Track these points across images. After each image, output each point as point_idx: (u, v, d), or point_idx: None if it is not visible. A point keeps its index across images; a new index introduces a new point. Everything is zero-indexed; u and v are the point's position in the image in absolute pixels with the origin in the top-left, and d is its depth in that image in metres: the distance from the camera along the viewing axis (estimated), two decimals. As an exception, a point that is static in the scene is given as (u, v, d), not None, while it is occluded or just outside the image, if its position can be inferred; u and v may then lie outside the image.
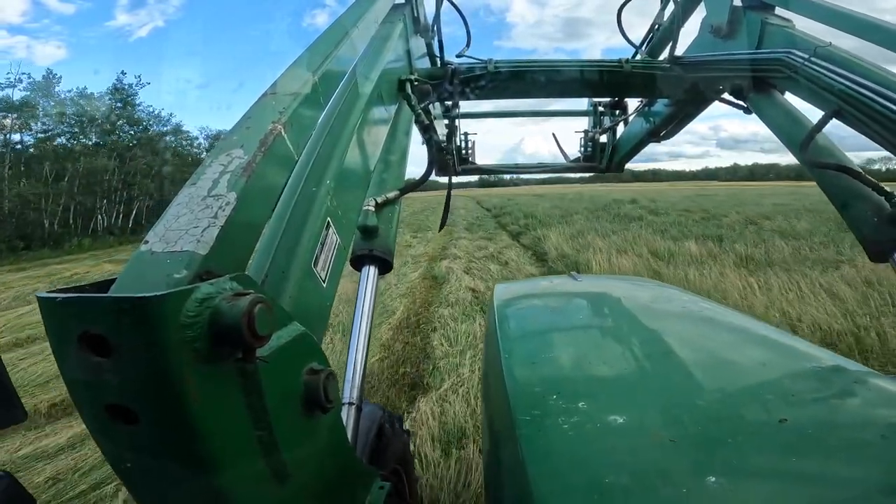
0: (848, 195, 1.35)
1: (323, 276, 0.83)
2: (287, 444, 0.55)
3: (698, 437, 0.76)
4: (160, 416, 0.45)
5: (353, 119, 1.05)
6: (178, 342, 0.43)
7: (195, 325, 0.44)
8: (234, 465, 0.50)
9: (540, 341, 1.34)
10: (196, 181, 0.61)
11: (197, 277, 0.50)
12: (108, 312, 0.43)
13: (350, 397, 0.96)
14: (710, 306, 1.58)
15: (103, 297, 0.43)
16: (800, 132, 1.48)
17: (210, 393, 0.46)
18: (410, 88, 1.49)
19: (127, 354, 0.43)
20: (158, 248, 0.52)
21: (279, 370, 0.55)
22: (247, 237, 0.62)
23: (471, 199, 43.69)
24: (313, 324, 0.80)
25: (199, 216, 0.55)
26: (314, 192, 0.86)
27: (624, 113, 2.76)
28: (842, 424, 0.79)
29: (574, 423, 0.82)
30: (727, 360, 1.08)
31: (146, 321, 0.42)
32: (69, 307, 0.44)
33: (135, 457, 0.50)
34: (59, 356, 0.47)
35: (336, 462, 0.71)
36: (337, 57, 1.04)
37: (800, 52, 1.44)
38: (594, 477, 0.70)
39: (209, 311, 0.45)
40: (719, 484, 0.64)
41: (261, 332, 0.46)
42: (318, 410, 0.61)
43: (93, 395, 0.47)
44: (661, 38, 2.31)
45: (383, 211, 1.24)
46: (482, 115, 3.21)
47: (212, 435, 0.47)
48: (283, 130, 0.72)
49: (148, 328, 0.42)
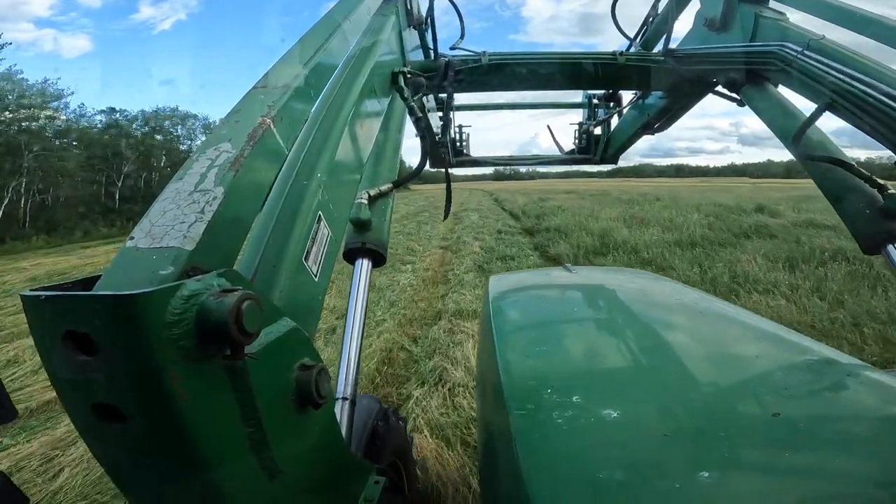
0: (841, 188, 1.36)
1: (314, 270, 0.83)
2: (278, 441, 0.55)
3: (691, 431, 0.77)
4: (147, 414, 0.45)
5: (344, 112, 1.04)
6: (165, 340, 0.42)
7: (181, 322, 0.43)
8: (224, 463, 0.49)
9: (535, 334, 1.34)
10: (183, 176, 0.60)
11: (184, 274, 0.49)
12: (92, 311, 0.42)
13: (344, 392, 0.96)
14: (705, 298, 1.58)
15: (87, 296, 0.42)
16: (793, 125, 1.48)
17: (198, 391, 0.46)
18: (403, 81, 1.48)
19: (112, 353, 0.43)
20: (144, 245, 0.51)
21: (269, 366, 0.55)
22: (235, 232, 0.61)
23: (486, 195, 32.99)
24: (305, 318, 0.79)
25: (185, 211, 0.55)
26: (305, 185, 0.85)
27: (618, 105, 2.77)
28: (835, 418, 0.79)
29: (568, 418, 0.82)
30: (720, 352, 1.08)
31: (131, 319, 0.41)
32: (53, 305, 0.43)
33: (123, 455, 0.49)
34: (44, 355, 0.46)
35: (329, 458, 0.71)
36: (328, 49, 1.02)
37: (793, 45, 1.44)
38: (588, 472, 0.70)
39: (196, 308, 0.44)
40: (712, 478, 0.64)
41: (249, 329, 0.46)
42: (310, 406, 0.61)
43: (79, 394, 0.47)
44: (656, 30, 2.31)
45: (376, 204, 1.23)
46: (476, 108, 3.20)
47: (201, 433, 0.46)
48: (272, 124, 0.71)
49: (133, 326, 0.41)
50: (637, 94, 2.51)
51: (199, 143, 0.68)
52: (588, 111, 2.95)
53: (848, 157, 1.38)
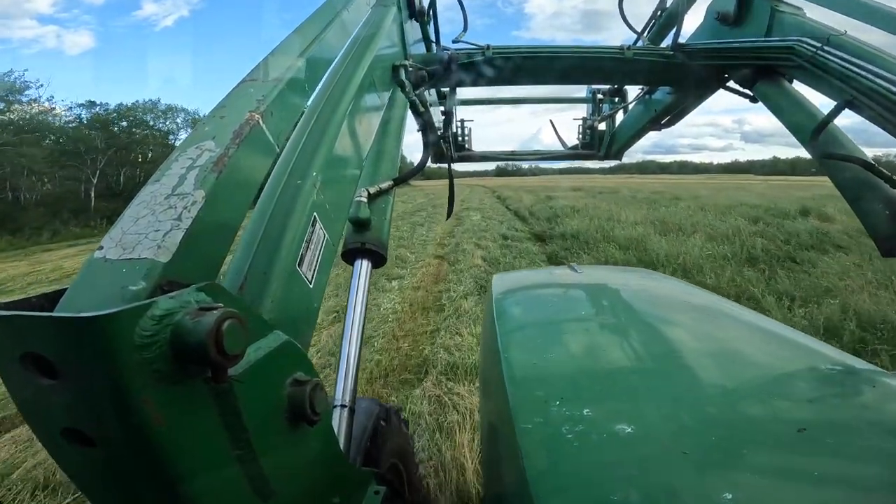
0: (859, 187, 1.31)
1: (309, 277, 0.78)
2: (270, 461, 0.51)
3: (707, 447, 0.72)
4: (121, 441, 0.41)
5: (342, 106, 0.99)
6: (134, 364, 0.38)
7: (153, 345, 0.39)
8: (210, 486, 0.45)
9: (539, 336, 1.29)
10: (160, 178, 0.55)
11: (157, 289, 0.44)
12: (51, 333, 0.37)
13: (342, 399, 0.91)
14: (714, 300, 1.54)
15: (46, 317, 0.38)
16: (810, 122, 1.43)
17: (176, 414, 0.41)
18: (405, 75, 1.43)
19: (77, 377, 0.38)
20: (113, 255, 0.46)
21: (258, 386, 0.51)
22: (217, 240, 0.56)
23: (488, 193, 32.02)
24: (299, 328, 0.75)
25: (160, 218, 0.49)
26: (299, 185, 0.80)
27: (623, 100, 2.72)
28: (864, 432, 0.74)
29: (578, 433, 0.77)
30: (736, 360, 1.03)
31: (93, 343, 0.37)
32: (8, 326, 0.39)
33: (96, 478, 0.45)
34: (4, 376, 0.42)
35: (326, 472, 0.67)
36: (325, 41, 0.97)
37: (812, 41, 1.39)
38: (600, 491, 0.66)
39: (170, 328, 0.40)
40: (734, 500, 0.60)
41: (230, 352, 0.41)
42: (304, 423, 0.56)
43: (45, 419, 0.42)
44: (664, 24, 2.26)
45: (376, 202, 1.18)
46: (479, 102, 3.15)
47: (181, 456, 0.42)
48: (261, 120, 0.66)
49: (96, 351, 0.37)
50: (643, 89, 2.46)
51: (180, 141, 0.63)
52: (592, 106, 2.90)
53: (867, 155, 1.33)
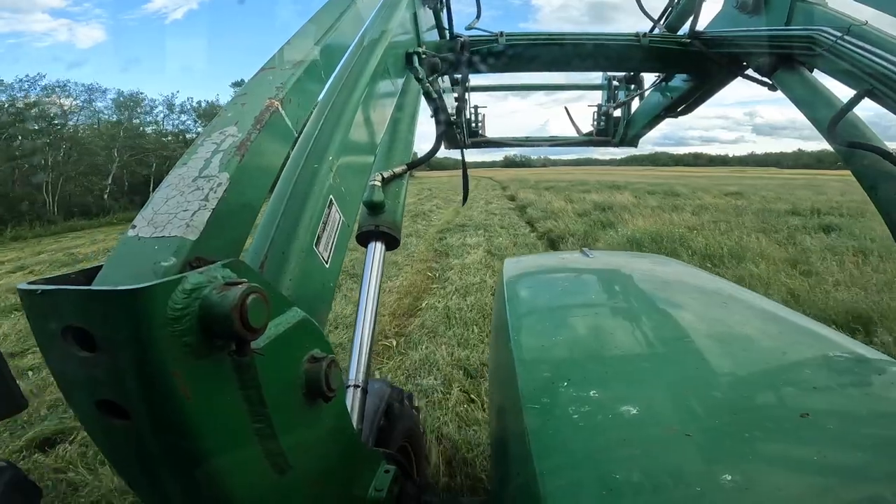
0: (878, 177, 1.30)
1: (325, 257, 0.81)
2: (287, 436, 0.54)
3: (713, 430, 0.74)
4: (151, 413, 0.43)
5: (357, 93, 1.01)
6: (167, 336, 0.40)
7: (184, 318, 0.41)
8: (231, 459, 0.48)
9: (549, 319, 1.31)
10: (187, 161, 0.58)
11: (186, 265, 0.47)
12: (90, 306, 0.40)
13: (355, 379, 0.94)
14: (726, 286, 1.53)
15: (85, 290, 0.40)
16: (828, 111, 1.41)
17: (203, 388, 0.44)
18: (418, 61, 1.43)
19: (113, 350, 0.41)
20: (146, 234, 0.49)
21: (278, 360, 0.53)
22: (241, 220, 0.59)
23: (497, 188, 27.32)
24: (315, 306, 0.78)
25: (188, 199, 0.52)
26: (316, 169, 0.82)
27: (639, 87, 2.68)
28: (867, 418, 0.75)
29: (583, 413, 0.79)
30: (746, 345, 1.04)
31: (131, 315, 0.39)
32: (50, 300, 0.41)
33: (128, 451, 0.48)
34: (44, 350, 0.45)
35: (339, 449, 0.70)
36: (341, 29, 0.99)
37: (832, 30, 1.37)
38: (605, 472, 0.67)
39: (198, 302, 0.42)
40: (734, 482, 0.61)
41: (254, 325, 0.43)
42: (320, 399, 0.59)
43: (81, 391, 0.45)
44: (680, 12, 2.22)
45: (390, 186, 1.20)
46: (492, 89, 3.13)
47: (206, 430, 0.45)
48: (280, 106, 0.68)
49: (133, 322, 0.39)
50: (659, 76, 2.43)
51: (203, 128, 0.66)
52: (607, 93, 2.87)
53: (886, 145, 1.31)
